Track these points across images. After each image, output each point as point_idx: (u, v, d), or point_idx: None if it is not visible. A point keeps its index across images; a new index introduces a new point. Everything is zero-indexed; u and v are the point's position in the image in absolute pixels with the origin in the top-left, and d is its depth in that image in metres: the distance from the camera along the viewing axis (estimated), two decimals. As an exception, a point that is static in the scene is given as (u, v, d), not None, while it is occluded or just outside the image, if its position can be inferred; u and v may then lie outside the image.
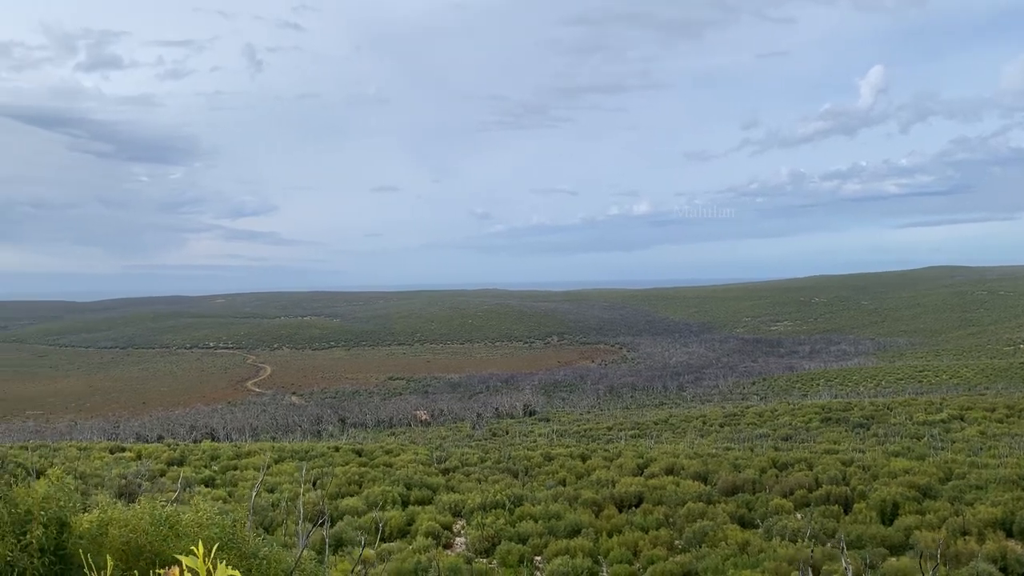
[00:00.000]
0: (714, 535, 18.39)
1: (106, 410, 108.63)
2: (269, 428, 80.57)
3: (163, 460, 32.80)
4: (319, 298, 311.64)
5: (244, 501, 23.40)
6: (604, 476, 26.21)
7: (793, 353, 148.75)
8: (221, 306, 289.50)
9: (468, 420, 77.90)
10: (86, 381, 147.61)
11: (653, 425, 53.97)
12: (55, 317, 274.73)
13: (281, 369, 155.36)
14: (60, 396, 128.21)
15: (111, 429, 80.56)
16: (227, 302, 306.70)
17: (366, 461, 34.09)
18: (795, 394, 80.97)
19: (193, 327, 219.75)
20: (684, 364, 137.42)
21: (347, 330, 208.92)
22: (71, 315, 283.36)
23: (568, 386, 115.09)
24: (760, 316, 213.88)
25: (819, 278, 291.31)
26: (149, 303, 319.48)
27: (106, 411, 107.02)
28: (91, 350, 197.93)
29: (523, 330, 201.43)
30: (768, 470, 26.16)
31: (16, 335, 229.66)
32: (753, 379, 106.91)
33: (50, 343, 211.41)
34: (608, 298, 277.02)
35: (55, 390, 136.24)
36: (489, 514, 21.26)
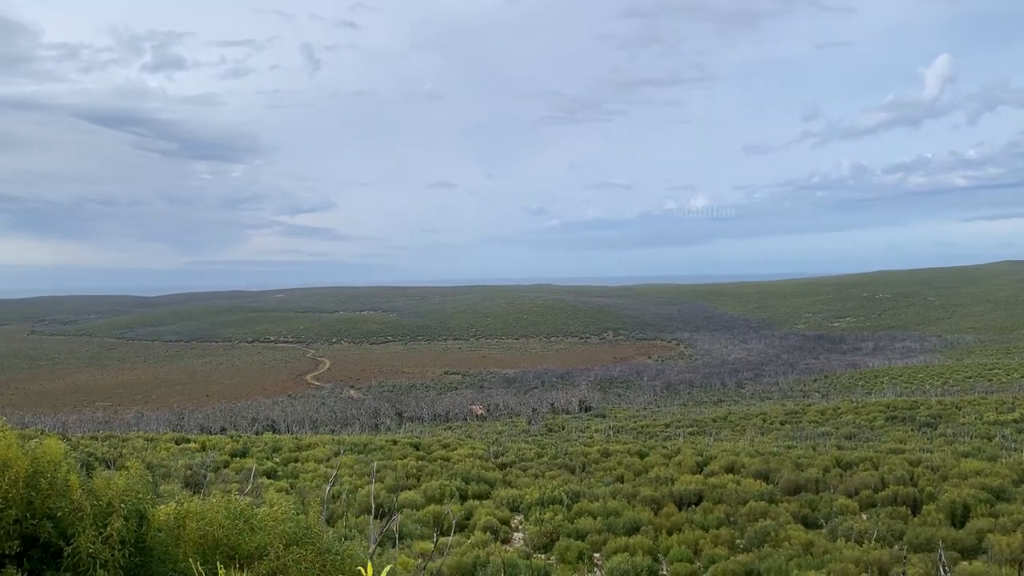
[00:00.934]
0: (776, 535, 18.04)
1: (171, 401, 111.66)
2: (328, 421, 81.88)
3: (226, 451, 33.51)
4: (376, 293, 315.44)
5: (307, 493, 23.77)
6: (663, 473, 25.93)
7: (856, 350, 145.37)
8: (281, 301, 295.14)
9: (523, 415, 77.98)
10: (152, 373, 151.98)
11: (711, 422, 53.27)
12: (122, 311, 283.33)
13: (339, 363, 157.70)
14: (127, 387, 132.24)
15: (176, 420, 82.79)
16: (287, 297, 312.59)
17: (424, 455, 34.36)
18: (858, 392, 79.06)
19: (254, 321, 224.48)
20: (743, 361, 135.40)
21: (404, 325, 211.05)
22: (137, 309, 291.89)
23: (624, 382, 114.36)
24: (822, 312, 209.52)
25: (883, 273, 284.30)
26: (211, 298, 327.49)
27: (171, 402, 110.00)
28: (156, 343, 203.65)
29: (578, 325, 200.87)
30: (832, 469, 25.58)
31: (86, 328, 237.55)
32: (814, 376, 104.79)
33: (118, 336, 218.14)
34: (665, 293, 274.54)
35: (122, 381, 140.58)
36: (547, 510, 21.21)
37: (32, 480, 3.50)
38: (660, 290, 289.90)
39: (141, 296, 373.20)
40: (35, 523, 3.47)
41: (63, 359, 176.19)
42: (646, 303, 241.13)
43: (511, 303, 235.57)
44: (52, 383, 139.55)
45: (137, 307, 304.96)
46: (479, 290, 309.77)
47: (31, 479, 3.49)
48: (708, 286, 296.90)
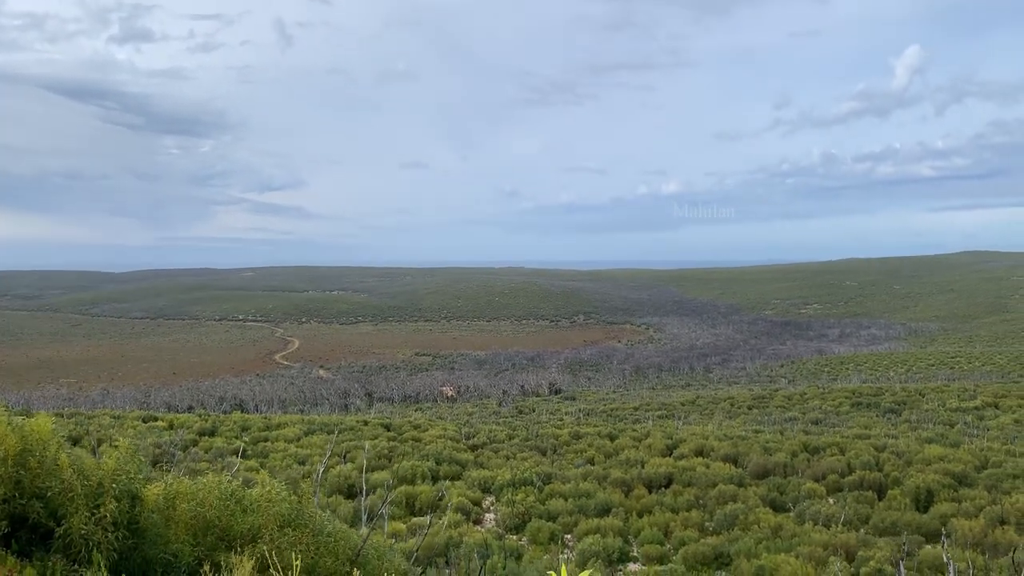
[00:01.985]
0: (746, 518, 18.28)
1: (137, 379, 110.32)
2: (297, 401, 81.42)
3: (195, 430, 33.20)
4: (347, 273, 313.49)
5: (278, 472, 23.64)
6: (633, 456, 26.13)
7: (822, 336, 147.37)
8: (249, 279, 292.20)
9: (494, 397, 78.17)
10: (117, 350, 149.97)
11: (680, 406, 53.75)
12: (88, 287, 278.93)
13: (309, 343, 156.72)
14: (92, 364, 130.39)
15: (142, 398, 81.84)
16: (255, 275, 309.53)
17: (395, 435, 34.28)
18: (824, 378, 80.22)
19: (222, 299, 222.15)
20: (711, 345, 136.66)
21: (374, 305, 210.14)
22: (103, 285, 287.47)
23: (594, 365, 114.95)
24: (790, 298, 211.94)
25: (850, 261, 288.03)
26: (179, 275, 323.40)
27: (137, 380, 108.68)
28: (123, 320, 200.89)
29: (549, 309, 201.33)
30: (799, 454, 25.94)
31: (50, 304, 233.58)
32: (781, 362, 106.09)
33: (83, 312, 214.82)
34: (635, 278, 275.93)
35: (88, 358, 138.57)
36: (519, 491, 21.29)
37: (20, 458, 3.41)
38: (630, 275, 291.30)
39: (107, 272, 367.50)
40: (24, 503, 3.38)
41: (26, 335, 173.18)
42: (617, 287, 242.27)
43: (483, 285, 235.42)
44: (15, 359, 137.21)
45: (103, 283, 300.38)
46: (451, 271, 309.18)
47: (19, 457, 3.40)
48: (678, 271, 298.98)
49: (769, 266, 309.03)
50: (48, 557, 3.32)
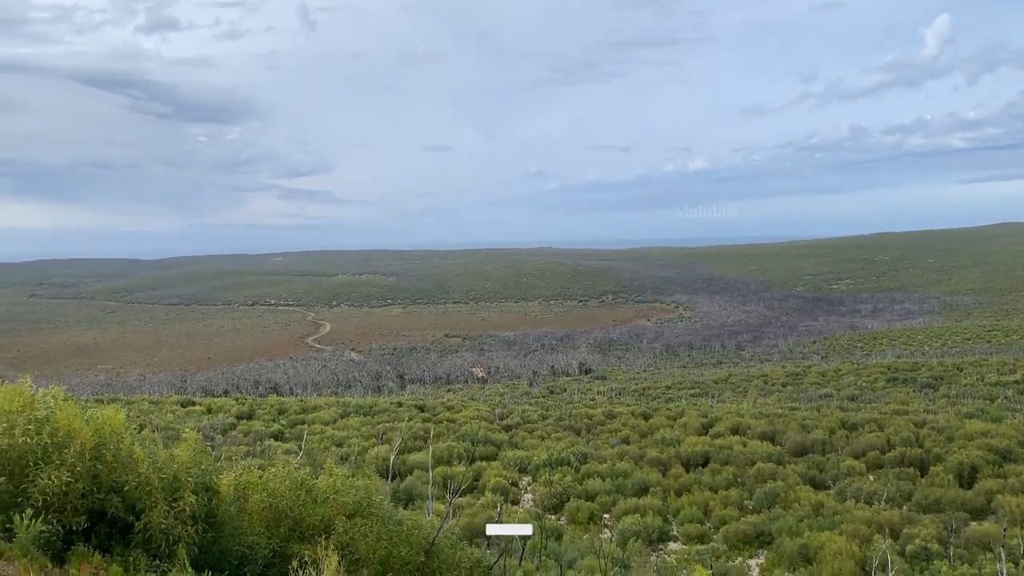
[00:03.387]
0: (786, 496, 18.16)
1: (173, 364, 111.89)
2: (330, 383, 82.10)
3: (233, 414, 33.63)
4: (375, 256, 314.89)
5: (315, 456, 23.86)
6: (669, 435, 26.04)
7: (855, 312, 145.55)
8: (280, 264, 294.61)
9: (524, 377, 78.25)
10: (152, 336, 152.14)
11: (713, 384, 53.47)
12: (122, 275, 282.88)
13: (340, 326, 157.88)
14: (128, 350, 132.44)
15: (178, 383, 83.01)
16: (286, 260, 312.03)
17: (429, 417, 34.49)
18: (857, 353, 79.30)
19: (254, 284, 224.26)
20: (742, 323, 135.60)
21: (403, 288, 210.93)
22: (137, 273, 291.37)
23: (624, 345, 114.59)
24: (821, 274, 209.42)
25: (882, 235, 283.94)
26: (211, 261, 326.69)
27: (173, 365, 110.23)
28: (156, 306, 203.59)
29: (578, 288, 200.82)
30: (837, 431, 25.69)
31: (85, 291, 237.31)
32: (814, 338, 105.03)
33: (117, 299, 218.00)
34: (664, 256, 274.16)
35: (123, 344, 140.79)
36: (555, 471, 21.32)
37: (96, 452, 3.41)
38: (660, 253, 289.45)
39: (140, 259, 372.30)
40: (102, 497, 3.38)
41: (63, 322, 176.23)
42: (645, 266, 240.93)
43: (510, 266, 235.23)
44: (53, 346, 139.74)
45: (136, 270, 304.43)
46: (479, 253, 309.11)
47: (95, 451, 3.40)
48: (708, 249, 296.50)
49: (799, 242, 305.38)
50: (129, 552, 3.33)
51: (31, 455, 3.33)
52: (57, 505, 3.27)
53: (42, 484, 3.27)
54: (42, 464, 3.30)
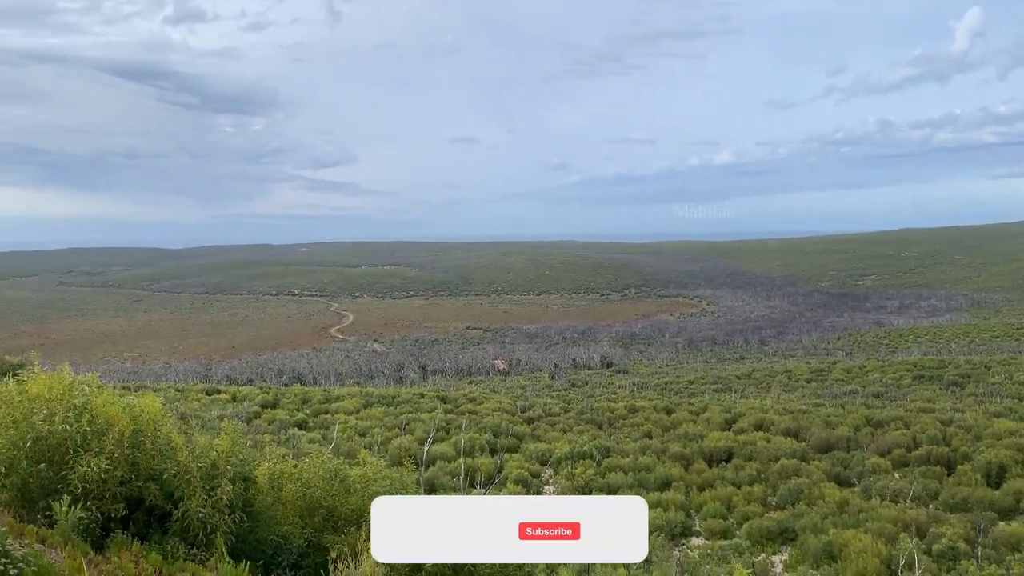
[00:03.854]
0: (810, 493, 18.03)
1: (198, 352, 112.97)
2: (353, 373, 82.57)
3: (257, 402, 33.91)
4: (398, 248, 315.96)
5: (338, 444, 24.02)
6: (691, 430, 25.93)
7: (880, 308, 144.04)
8: (305, 255, 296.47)
9: (546, 370, 78.23)
10: (178, 324, 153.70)
11: (736, 379, 53.16)
12: (148, 264, 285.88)
13: (363, 317, 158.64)
14: (154, 338, 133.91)
15: (203, 371, 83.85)
16: (310, 251, 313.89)
17: (451, 408, 34.58)
18: (883, 350, 78.50)
19: (278, 275, 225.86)
20: (766, 318, 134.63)
21: (426, 280, 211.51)
22: (163, 262, 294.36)
23: (646, 339, 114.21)
24: (846, 270, 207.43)
25: (909, 231, 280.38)
26: (236, 251, 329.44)
27: (198, 353, 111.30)
28: (182, 295, 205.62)
29: (600, 282, 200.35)
30: (862, 428, 25.45)
31: (112, 280, 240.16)
32: (838, 334, 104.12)
33: (144, 288, 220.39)
34: (687, 250, 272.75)
35: (150, 332, 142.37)
36: (577, 464, 21.31)
37: (135, 439, 3.44)
38: (683, 247, 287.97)
39: (167, 249, 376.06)
40: (140, 485, 3.41)
41: (91, 309, 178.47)
42: (668, 260, 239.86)
43: (532, 259, 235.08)
44: (81, 333, 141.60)
45: (163, 259, 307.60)
46: (501, 246, 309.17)
47: (134, 438, 3.43)
48: (731, 243, 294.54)
49: (824, 237, 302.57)
50: (166, 540, 3.36)
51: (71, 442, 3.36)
52: (96, 492, 3.30)
53: (81, 471, 3.30)
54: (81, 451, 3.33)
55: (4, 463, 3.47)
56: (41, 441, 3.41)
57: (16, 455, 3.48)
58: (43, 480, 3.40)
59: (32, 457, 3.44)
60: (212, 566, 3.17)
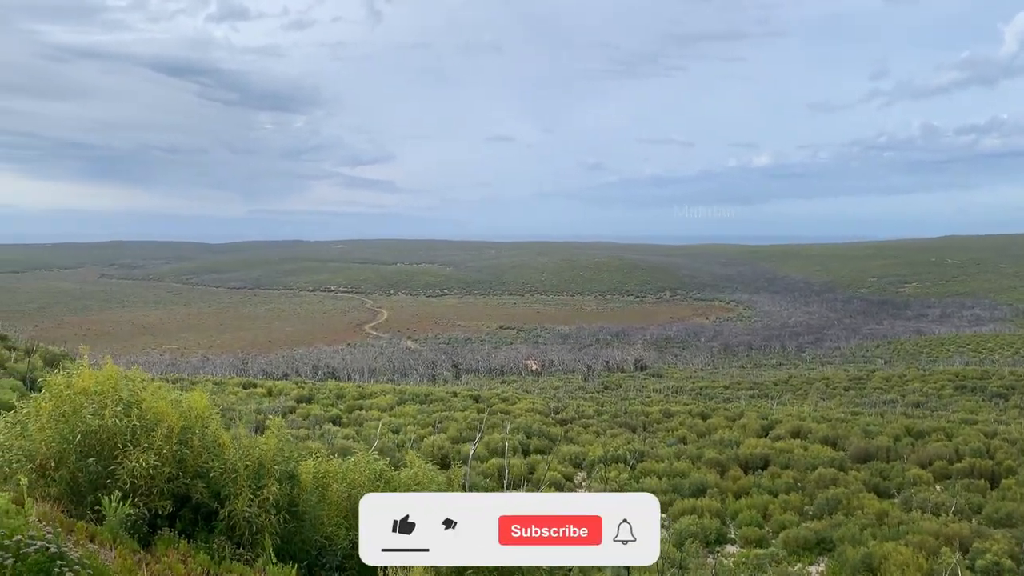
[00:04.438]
0: (848, 503, 17.72)
1: (235, 346, 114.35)
2: (386, 370, 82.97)
3: (293, 397, 34.21)
4: (433, 246, 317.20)
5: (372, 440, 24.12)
6: (727, 436, 25.65)
7: (922, 316, 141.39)
8: (341, 251, 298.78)
9: (579, 372, 77.92)
10: (216, 318, 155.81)
11: (773, 386, 52.52)
12: (188, 257, 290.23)
13: (397, 314, 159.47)
14: (192, 331, 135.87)
15: (240, 365, 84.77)
16: (346, 247, 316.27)
17: (484, 408, 34.57)
18: (923, 359, 77.03)
19: (315, 271, 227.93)
20: (803, 324, 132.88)
21: (460, 278, 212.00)
22: (202, 256, 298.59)
23: (681, 342, 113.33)
24: (886, 276, 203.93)
25: (952, 238, 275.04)
26: (274, 246, 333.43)
27: (234, 347, 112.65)
28: (220, 289, 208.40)
29: (635, 284, 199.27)
30: (902, 438, 24.98)
31: (153, 273, 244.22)
32: (877, 342, 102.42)
33: (183, 281, 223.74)
34: (725, 253, 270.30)
35: (188, 325, 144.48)
36: (611, 468, 21.16)
37: (183, 436, 3.43)
38: (720, 250, 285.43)
39: (206, 243, 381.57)
40: (187, 482, 3.40)
41: (131, 302, 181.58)
42: (705, 263, 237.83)
43: (567, 259, 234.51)
44: (121, 325, 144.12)
45: (202, 254, 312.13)
46: (535, 246, 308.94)
47: (182, 435, 3.42)
48: (770, 247, 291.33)
49: (865, 243, 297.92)
50: (212, 539, 3.34)
51: (119, 436, 3.36)
52: (144, 488, 3.30)
53: (130, 466, 3.30)
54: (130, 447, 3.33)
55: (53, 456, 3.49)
56: (90, 435, 3.42)
57: (65, 449, 3.50)
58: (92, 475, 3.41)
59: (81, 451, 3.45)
60: (260, 567, 3.15)
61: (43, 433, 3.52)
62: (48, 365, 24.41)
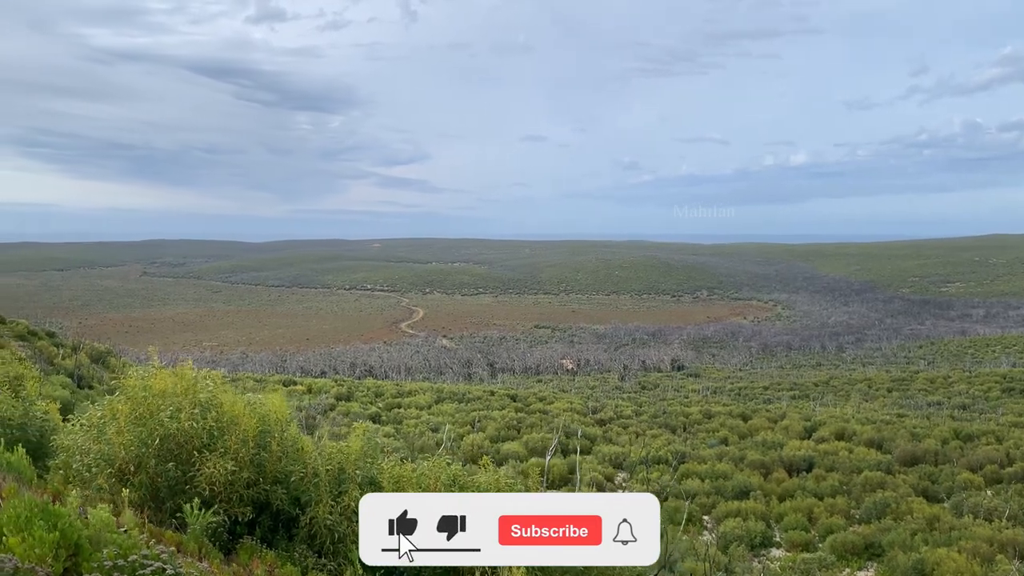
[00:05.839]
0: (897, 507, 17.34)
1: (273, 344, 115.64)
2: (422, 368, 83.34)
3: (332, 395, 34.48)
4: (468, 245, 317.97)
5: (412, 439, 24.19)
6: (769, 438, 25.31)
7: (965, 316, 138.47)
8: (377, 250, 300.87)
9: (615, 371, 77.55)
10: (255, 316, 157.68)
11: (813, 387, 51.79)
12: (227, 256, 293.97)
13: (432, 312, 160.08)
14: (232, 329, 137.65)
15: (278, 362, 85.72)
16: (383, 247, 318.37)
17: (521, 407, 34.53)
18: (968, 360, 75.43)
19: (352, 269, 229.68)
20: (843, 324, 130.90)
21: (495, 277, 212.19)
22: (241, 255, 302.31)
23: (718, 342, 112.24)
24: (929, 276, 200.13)
25: (997, 237, 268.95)
26: (311, 245, 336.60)
27: (273, 345, 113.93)
28: (259, 287, 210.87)
29: (671, 283, 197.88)
30: (950, 441, 24.46)
31: (194, 271, 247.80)
32: (920, 342, 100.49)
33: (223, 280, 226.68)
34: (762, 252, 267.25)
35: (228, 323, 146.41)
36: (653, 469, 20.98)
37: (261, 440, 3.39)
38: (757, 249, 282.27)
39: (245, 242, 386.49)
40: (267, 488, 3.36)
41: (172, 299, 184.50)
42: (742, 262, 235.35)
43: (602, 259, 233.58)
44: (163, 322, 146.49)
45: (241, 252, 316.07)
46: (570, 245, 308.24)
47: (260, 439, 3.38)
48: (808, 246, 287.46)
49: (906, 241, 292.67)
50: (292, 546, 3.30)
51: (197, 440, 3.34)
52: (223, 494, 3.27)
53: (208, 472, 3.27)
54: (207, 451, 3.30)
55: (133, 461, 3.48)
56: (168, 439, 3.39)
57: (144, 453, 3.48)
58: (170, 480, 3.39)
59: (159, 455, 3.43)
60: (348, 580, 3.10)
61: (121, 437, 3.51)
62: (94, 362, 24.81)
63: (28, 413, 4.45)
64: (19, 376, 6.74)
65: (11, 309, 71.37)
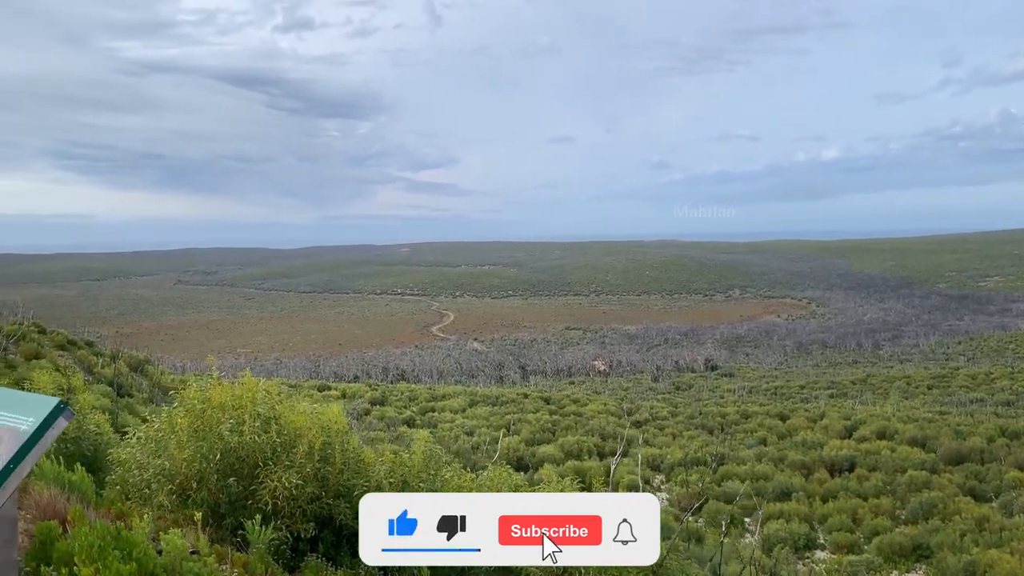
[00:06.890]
0: (944, 507, 16.98)
1: (306, 349, 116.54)
2: (454, 372, 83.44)
3: (367, 399, 34.59)
4: (497, 248, 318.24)
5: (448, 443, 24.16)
6: (809, 437, 24.96)
7: (1006, 311, 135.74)
8: (407, 255, 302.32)
9: (648, 372, 77.06)
10: (288, 322, 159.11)
11: (851, 385, 51.07)
12: (259, 263, 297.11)
13: (463, 316, 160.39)
14: (265, 335, 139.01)
15: (312, 367, 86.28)
16: (412, 251, 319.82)
17: (555, 409, 34.38)
18: (1009, 356, 73.95)
19: (382, 274, 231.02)
20: (880, 321, 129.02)
21: (524, 279, 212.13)
22: (273, 261, 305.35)
23: (752, 341, 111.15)
24: (967, 270, 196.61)
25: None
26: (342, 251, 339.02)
27: (306, 350, 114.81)
28: (291, 293, 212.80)
29: (703, 283, 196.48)
30: (997, 439, 23.94)
31: (226, 279, 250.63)
32: (959, 338, 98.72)
33: (255, 287, 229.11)
34: (795, 250, 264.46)
35: (261, 329, 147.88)
36: (691, 471, 20.76)
37: (324, 453, 3.34)
38: (790, 246, 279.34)
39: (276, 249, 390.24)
40: (329, 502, 3.31)
41: (206, 307, 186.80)
42: (775, 259, 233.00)
43: (632, 259, 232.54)
44: (196, 329, 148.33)
45: (273, 259, 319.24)
46: (599, 245, 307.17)
47: (323, 451, 3.34)
48: (842, 242, 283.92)
49: (941, 236, 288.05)
50: (358, 563, 3.24)
51: (259, 454, 3.29)
52: (286, 510, 3.21)
53: (271, 486, 3.22)
54: (271, 465, 3.25)
55: (194, 477, 3.44)
56: (229, 453, 3.35)
57: (205, 468, 3.44)
58: (232, 496, 3.34)
59: (220, 470, 3.39)
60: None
61: (182, 451, 3.47)
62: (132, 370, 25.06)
63: (82, 427, 4.44)
64: (72, 388, 6.78)
65: (50, 319, 72.17)
